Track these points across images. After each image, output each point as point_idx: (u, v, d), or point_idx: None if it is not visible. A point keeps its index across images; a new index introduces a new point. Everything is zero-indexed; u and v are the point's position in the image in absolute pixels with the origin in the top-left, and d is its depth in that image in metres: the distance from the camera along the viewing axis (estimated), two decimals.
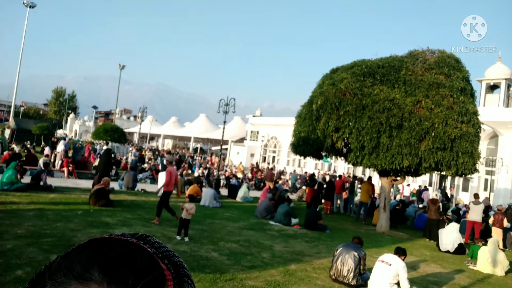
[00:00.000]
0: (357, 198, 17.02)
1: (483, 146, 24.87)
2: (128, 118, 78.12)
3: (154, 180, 18.24)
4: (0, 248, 5.78)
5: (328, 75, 13.33)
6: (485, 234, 12.57)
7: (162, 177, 13.68)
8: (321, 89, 12.42)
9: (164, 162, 13.63)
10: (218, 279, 5.79)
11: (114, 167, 16.99)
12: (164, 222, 9.42)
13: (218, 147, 53.74)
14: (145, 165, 21.75)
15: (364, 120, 11.09)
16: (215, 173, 21.67)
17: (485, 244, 9.32)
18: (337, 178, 18.39)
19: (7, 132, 24.20)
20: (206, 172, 21.56)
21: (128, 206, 10.92)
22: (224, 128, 19.53)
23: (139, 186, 15.43)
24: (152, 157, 27.71)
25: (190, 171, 22.11)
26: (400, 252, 6.38)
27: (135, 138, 55.12)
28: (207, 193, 13.49)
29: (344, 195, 17.16)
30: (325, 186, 16.44)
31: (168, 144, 57.75)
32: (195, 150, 54.82)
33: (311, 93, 13.55)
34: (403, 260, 6.19)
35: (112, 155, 13.30)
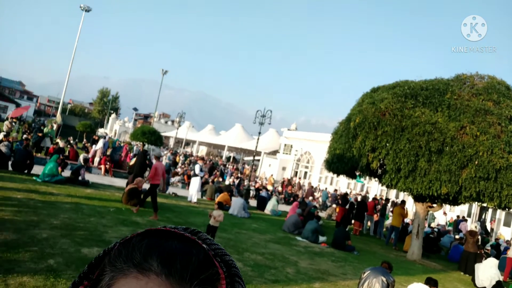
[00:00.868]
0: (388, 222, 16.48)
1: None
2: (166, 122, 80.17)
3: (185, 185, 18.52)
4: (36, 236, 6.03)
5: (369, 94, 13.11)
6: None
7: (194, 182, 13.86)
8: (360, 108, 12.22)
9: (196, 168, 13.79)
10: None
11: (148, 168, 17.44)
12: (192, 226, 9.48)
13: (251, 158, 54.02)
14: (178, 169, 22.16)
15: (403, 142, 10.77)
16: (245, 183, 21.73)
17: None
18: (369, 199, 17.91)
19: (54, 127, 25.43)
20: (237, 181, 21.65)
21: (158, 208, 11.12)
22: (258, 139, 19.59)
23: (171, 190, 15.70)
24: (185, 162, 28.19)
25: (221, 179, 22.29)
26: (432, 283, 6.07)
27: (171, 142, 56.43)
28: (236, 202, 13.51)
29: (375, 217, 16.67)
30: (356, 206, 16.04)
31: (202, 151, 58.66)
32: (228, 158, 55.34)
33: (350, 110, 13.37)
34: None
35: (148, 157, 13.63)
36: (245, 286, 0.54)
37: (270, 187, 23.54)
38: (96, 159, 18.18)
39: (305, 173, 41.74)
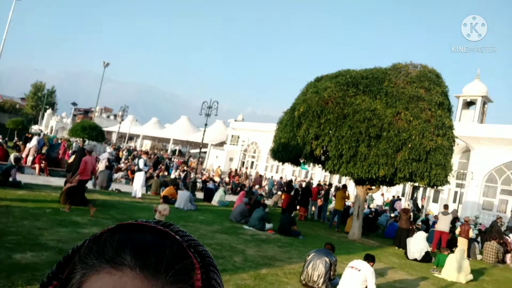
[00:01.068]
0: (331, 206, 17.18)
1: (456, 160, 25.54)
2: (108, 116, 76.64)
3: (129, 181, 17.96)
4: None
5: (312, 83, 13.45)
6: (451, 244, 12.91)
7: (138, 177, 13.47)
8: (304, 97, 12.53)
9: (140, 162, 13.42)
10: None
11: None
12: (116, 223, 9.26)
13: (197, 150, 53.47)
14: (122, 164, 21.38)
15: (344, 129, 11.23)
16: (192, 176, 21.51)
17: (451, 253, 9.57)
18: (314, 185, 18.54)
19: None
20: (183, 174, 21.36)
21: (100, 206, 10.67)
22: (205, 131, 19.42)
23: (114, 186, 15.14)
24: (129, 157, 27.27)
25: (166, 173, 21.87)
26: (370, 259, 6.47)
27: (114, 138, 54.18)
28: (182, 195, 13.35)
29: (319, 202, 17.29)
30: (300, 192, 16.53)
31: (147, 145, 57.02)
32: (174, 152, 54.30)
33: (295, 100, 13.64)
34: (371, 266, 6.28)
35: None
36: (220, 274, 0.54)
37: (217, 179, 23.51)
38: (30, 158, 17.00)
39: (252, 163, 42.16)
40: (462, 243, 12.38)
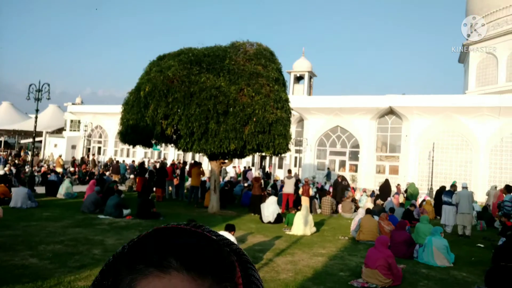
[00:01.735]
0: (188, 183, 17.47)
1: (293, 129, 28.84)
2: None
3: None
4: None
5: (155, 62, 13.11)
6: (297, 203, 14.75)
7: None
8: (149, 76, 12.16)
9: None
10: (40, 287, 5.17)
11: None
12: None
13: (29, 140, 46.60)
14: None
15: (193, 107, 11.40)
16: (27, 170, 18.84)
17: (298, 211, 10.97)
18: (168, 165, 18.46)
19: None
20: (15, 169, 18.50)
21: None
22: (36, 117, 17.04)
23: None
24: None
25: None
26: (230, 229, 6.96)
27: None
28: (18, 192, 11.65)
29: (176, 181, 17.38)
30: (155, 173, 16.29)
31: None
32: None
33: (138, 80, 13.10)
34: (233, 235, 6.78)
35: None
36: (257, 270, 0.55)
37: (59, 169, 21.14)
38: None
39: (99, 148, 39.20)
40: (305, 201, 14.27)
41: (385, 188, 17.58)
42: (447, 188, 13.67)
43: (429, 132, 25.83)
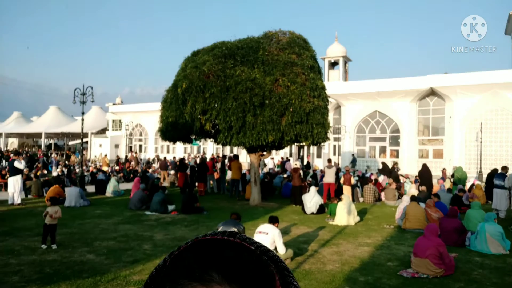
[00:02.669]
0: (228, 176, 17.70)
1: (330, 116, 28.39)
2: None
3: (1, 187, 15.80)
4: None
5: (190, 58, 13.29)
6: (338, 193, 14.55)
7: (12, 181, 11.93)
8: (185, 73, 12.36)
9: (16, 164, 11.87)
10: (99, 282, 5.46)
11: None
12: (23, 232, 8.32)
13: (76, 141, 48.94)
14: None
15: (229, 101, 11.48)
16: (77, 170, 19.84)
17: (340, 200, 10.84)
18: (208, 159, 18.78)
19: None
20: (66, 170, 19.54)
21: None
22: (83, 119, 17.87)
23: None
24: None
25: (46, 171, 19.74)
26: (274, 220, 6.98)
27: None
28: (71, 192, 12.31)
29: (216, 175, 17.65)
30: (196, 168, 16.62)
31: (13, 143, 50.15)
32: (49, 147, 48.92)
33: (175, 76, 13.36)
34: (277, 227, 6.81)
35: None
36: (294, 277, 0.56)
37: (106, 168, 22.10)
38: None
39: (140, 146, 40.52)
40: (346, 190, 14.07)
41: (425, 173, 16.84)
42: (500, 171, 12.97)
43: (475, 112, 24.57)
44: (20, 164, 11.93)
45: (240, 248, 0.53)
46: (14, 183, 11.90)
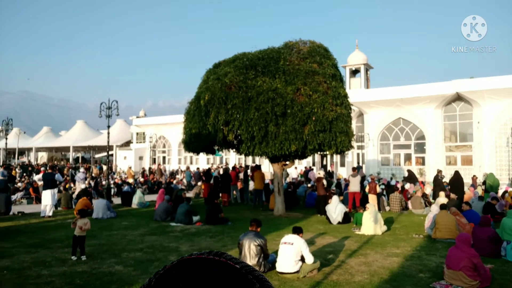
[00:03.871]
0: (251, 187, 17.68)
1: (353, 125, 28.05)
2: None
3: (32, 200, 16.29)
4: None
5: (212, 70, 13.47)
6: (364, 202, 14.27)
7: (46, 194, 12.28)
8: (207, 84, 12.51)
9: (57, 177, 12.22)
10: None
11: None
12: (54, 244, 8.52)
13: (102, 154, 50.13)
14: (19, 184, 19.21)
15: (252, 112, 11.52)
16: (104, 182, 20.26)
17: (365, 210, 10.62)
18: (230, 170, 18.83)
19: None
20: (93, 182, 19.99)
21: (4, 235, 9.56)
22: (108, 133, 18.32)
23: (15, 209, 13.60)
24: (24, 174, 24.58)
25: (73, 184, 20.25)
26: (298, 231, 6.87)
27: (0, 156, 48.06)
28: (99, 204, 12.56)
29: (239, 185, 17.67)
30: (220, 179, 16.68)
31: (43, 157, 51.81)
32: (76, 160, 50.28)
33: (197, 89, 13.54)
34: (301, 237, 6.71)
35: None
36: None
37: (131, 180, 22.50)
38: None
39: (164, 158, 41.09)
40: (372, 199, 13.79)
41: (457, 181, 16.25)
42: None
43: (505, 116, 23.76)
44: (60, 177, 12.29)
45: (225, 267, 0.53)
46: (51, 196, 12.24)
